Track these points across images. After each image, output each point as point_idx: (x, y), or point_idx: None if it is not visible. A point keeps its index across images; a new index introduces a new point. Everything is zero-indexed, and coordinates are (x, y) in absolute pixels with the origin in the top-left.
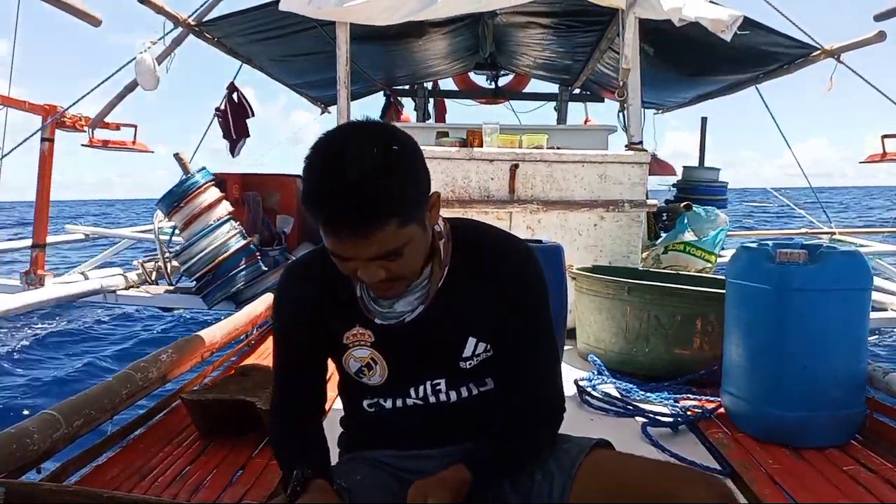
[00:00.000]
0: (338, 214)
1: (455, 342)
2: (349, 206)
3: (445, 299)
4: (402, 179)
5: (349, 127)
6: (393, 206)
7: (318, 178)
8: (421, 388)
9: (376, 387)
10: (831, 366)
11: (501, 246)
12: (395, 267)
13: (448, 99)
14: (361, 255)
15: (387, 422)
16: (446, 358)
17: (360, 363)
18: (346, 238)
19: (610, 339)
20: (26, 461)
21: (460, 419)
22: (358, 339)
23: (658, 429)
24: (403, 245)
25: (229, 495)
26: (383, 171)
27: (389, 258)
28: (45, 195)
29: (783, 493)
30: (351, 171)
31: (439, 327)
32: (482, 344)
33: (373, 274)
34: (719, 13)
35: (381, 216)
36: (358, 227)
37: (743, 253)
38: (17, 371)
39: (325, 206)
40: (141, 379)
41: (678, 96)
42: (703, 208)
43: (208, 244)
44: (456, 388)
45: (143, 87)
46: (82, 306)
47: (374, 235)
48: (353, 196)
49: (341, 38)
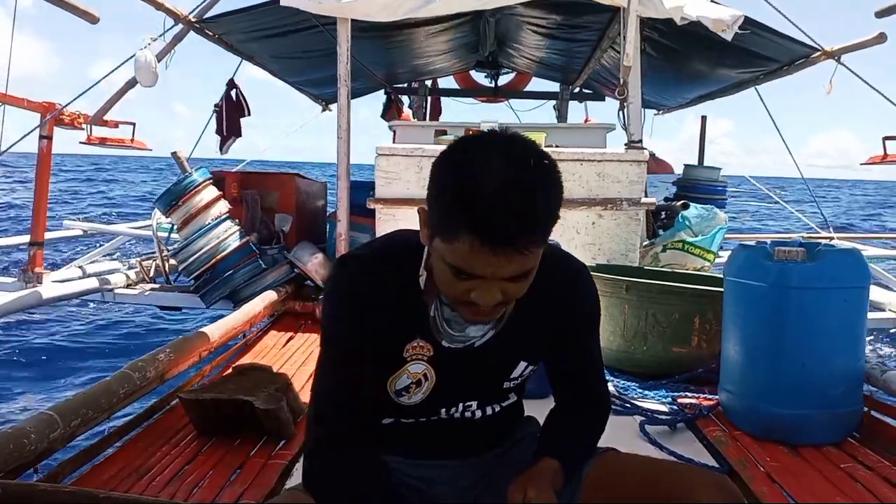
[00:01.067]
0: (509, 228)
1: (508, 365)
2: (527, 220)
3: (515, 325)
4: (559, 196)
5: (497, 137)
6: (550, 225)
7: (486, 187)
8: (453, 409)
9: (408, 407)
10: (829, 363)
11: (571, 273)
12: (514, 289)
13: (449, 97)
14: (500, 273)
15: (401, 435)
16: (493, 379)
17: (411, 380)
18: (503, 254)
19: (608, 337)
20: (23, 461)
21: (476, 433)
22: (418, 352)
23: (656, 427)
24: (535, 266)
25: (227, 495)
26: (551, 184)
27: (516, 280)
28: (44, 192)
29: (781, 491)
30: (526, 183)
31: (498, 352)
32: (531, 367)
33: (492, 296)
34: (720, 12)
35: (546, 232)
36: (523, 242)
37: (741, 251)
38: (13, 370)
39: (496, 218)
40: (138, 378)
41: (678, 97)
42: (702, 207)
43: (206, 243)
44: (483, 408)
45: (141, 84)
46: (80, 304)
47: (530, 253)
48: (533, 208)
49: (342, 34)
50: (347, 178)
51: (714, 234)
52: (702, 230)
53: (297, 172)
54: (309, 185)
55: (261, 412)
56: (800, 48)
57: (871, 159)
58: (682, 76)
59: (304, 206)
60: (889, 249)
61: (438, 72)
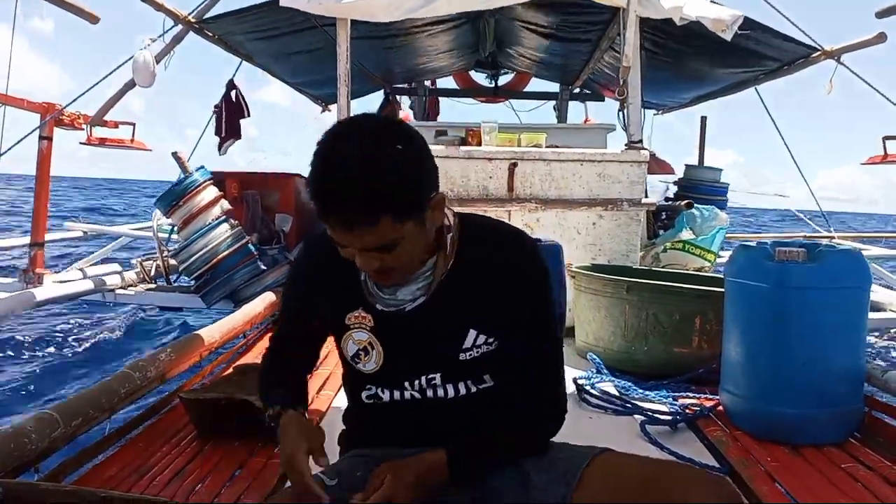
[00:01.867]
0: (332, 209)
1: (455, 334)
2: (341, 202)
3: (449, 291)
4: (398, 177)
5: (353, 122)
6: (386, 204)
7: (317, 172)
8: (416, 382)
9: (372, 375)
10: (830, 364)
11: (509, 240)
12: (388, 259)
13: (448, 97)
14: (355, 244)
15: (386, 416)
16: (445, 349)
17: (358, 346)
18: (338, 228)
19: (609, 337)
20: (24, 461)
21: (461, 417)
22: (359, 321)
23: (657, 427)
24: (397, 240)
25: (227, 495)
26: (378, 167)
27: (382, 251)
28: (44, 193)
29: (781, 491)
30: (346, 166)
31: (440, 319)
32: (483, 336)
33: (368, 263)
34: (720, 12)
35: (372, 213)
36: (350, 222)
37: (742, 251)
38: (14, 370)
39: (321, 199)
40: (139, 378)
41: (678, 97)
42: (703, 207)
43: (207, 243)
44: (453, 383)
45: (139, 85)
46: (80, 305)
47: (366, 230)
48: (346, 192)
49: (341, 35)
50: None
51: (714, 235)
52: (702, 230)
53: (297, 173)
54: None
55: (261, 412)
56: (800, 48)
57: (872, 159)
58: (681, 76)
59: (304, 207)
60: (890, 249)
61: (438, 72)
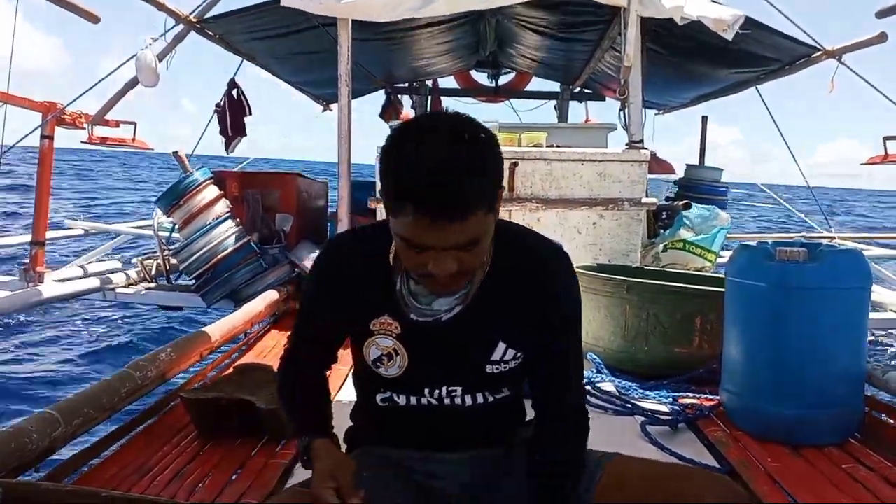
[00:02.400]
0: (437, 197)
1: (484, 346)
2: (450, 188)
3: (483, 300)
4: (493, 167)
5: (433, 116)
6: (486, 194)
7: (413, 161)
8: (437, 391)
9: (391, 380)
10: (830, 364)
11: (543, 251)
12: (468, 259)
13: (449, 97)
14: (445, 242)
15: (398, 419)
16: (472, 361)
17: (381, 352)
18: (439, 223)
19: (609, 337)
20: (25, 460)
21: (475, 425)
22: (385, 327)
23: (657, 427)
24: (483, 235)
25: (228, 494)
26: (478, 154)
27: (468, 248)
28: (45, 192)
29: (782, 492)
30: (448, 152)
31: (472, 329)
32: (511, 350)
33: (447, 265)
34: (721, 12)
35: (478, 201)
36: (455, 212)
37: (742, 251)
38: (15, 369)
39: (424, 188)
40: (140, 378)
41: (679, 96)
42: (704, 207)
43: (207, 242)
44: (472, 394)
45: (142, 84)
46: (81, 303)
47: (468, 222)
48: (456, 177)
49: (342, 34)
50: (348, 177)
51: (715, 234)
52: (703, 230)
53: (298, 172)
54: (310, 184)
55: (262, 412)
56: (801, 47)
57: (872, 159)
58: (682, 76)
59: (305, 206)
60: (891, 249)
61: (439, 72)
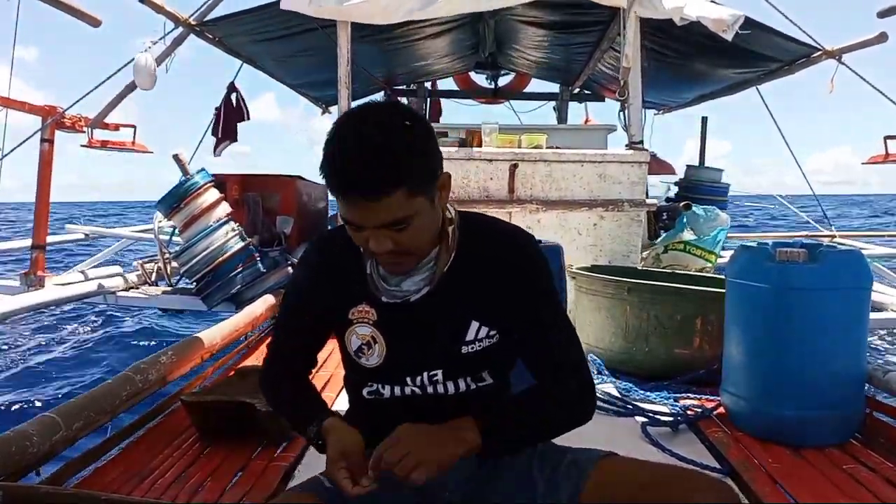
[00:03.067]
0: (350, 178)
1: (458, 326)
2: (361, 170)
3: (451, 283)
4: (412, 150)
5: (366, 104)
6: (402, 174)
7: (335, 147)
8: (418, 378)
9: (374, 370)
10: (831, 365)
11: (507, 235)
12: (403, 238)
13: (448, 98)
14: (371, 221)
15: (386, 412)
16: (447, 342)
17: (361, 341)
18: (356, 202)
19: (609, 338)
20: (25, 464)
21: (459, 415)
22: (362, 315)
23: (658, 428)
24: (411, 216)
25: (229, 497)
26: (394, 140)
27: (397, 228)
28: (45, 196)
29: (783, 493)
30: (365, 139)
31: (443, 310)
32: (485, 328)
33: (382, 243)
34: (721, 12)
35: (390, 181)
36: (368, 191)
37: (743, 252)
38: (16, 373)
39: (340, 171)
40: (140, 381)
41: (679, 96)
42: (704, 208)
43: (208, 245)
44: (454, 380)
45: (140, 87)
46: (82, 307)
47: (383, 200)
48: (366, 160)
49: (342, 37)
50: None
51: (715, 235)
52: (703, 231)
53: (298, 175)
54: (310, 187)
55: (262, 415)
56: (801, 47)
57: (873, 158)
58: (682, 76)
59: (305, 208)
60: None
61: (438, 73)
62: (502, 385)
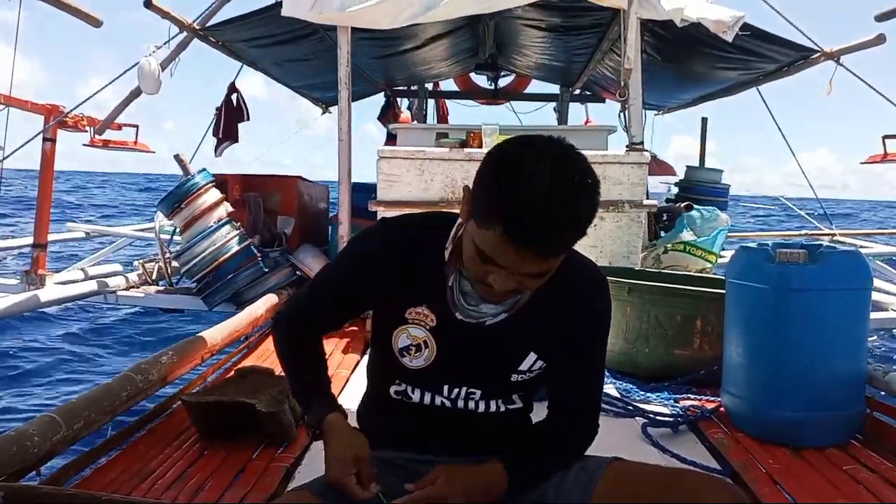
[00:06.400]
0: (535, 234)
1: (516, 354)
2: (552, 234)
3: (524, 312)
4: (592, 216)
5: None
6: (577, 238)
7: (529, 191)
8: (455, 390)
9: (413, 371)
10: (831, 365)
11: (581, 268)
12: (531, 284)
13: (449, 99)
14: (520, 270)
15: (407, 415)
16: (501, 367)
17: (411, 342)
18: (522, 254)
19: (610, 339)
20: (26, 464)
21: (481, 433)
22: (420, 318)
23: (658, 429)
24: (554, 269)
25: (229, 497)
26: (587, 207)
27: (534, 277)
28: (47, 195)
29: (783, 493)
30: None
31: (506, 337)
32: (540, 361)
33: (507, 285)
34: (721, 14)
35: (570, 245)
36: (544, 252)
37: (743, 253)
38: (16, 373)
39: (527, 221)
40: (141, 381)
41: (678, 97)
42: (704, 208)
43: (209, 245)
44: (487, 400)
45: (144, 92)
46: (82, 306)
47: (552, 262)
48: (561, 226)
49: (342, 41)
50: (349, 180)
51: (715, 236)
52: (703, 232)
53: (299, 175)
54: (311, 187)
55: (263, 415)
56: (800, 49)
57: (872, 158)
58: (682, 77)
59: (306, 209)
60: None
61: (439, 75)
62: (528, 407)
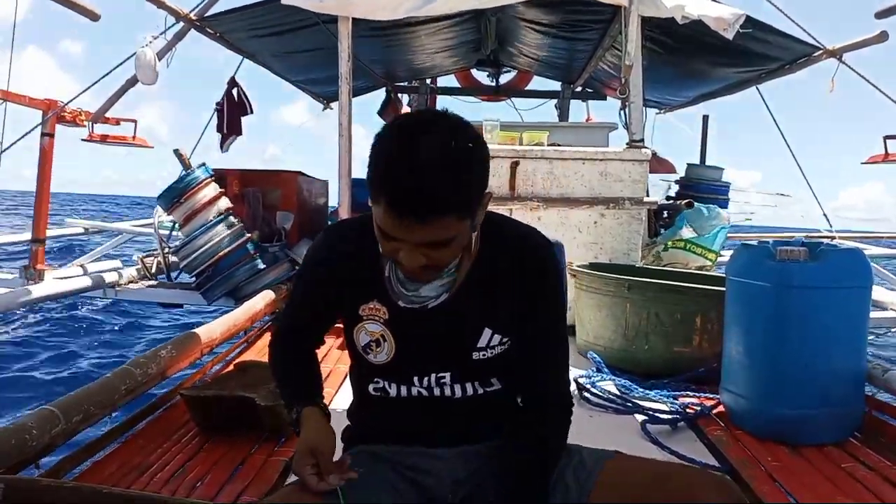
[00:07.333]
0: (406, 196)
1: (471, 332)
2: (421, 191)
3: (468, 289)
4: (472, 175)
5: (429, 113)
6: (460, 200)
7: (393, 157)
8: (425, 378)
9: (382, 367)
10: (831, 363)
11: (526, 240)
12: (436, 256)
13: (449, 95)
14: (412, 239)
15: (391, 411)
16: (459, 347)
17: (370, 338)
18: (406, 221)
19: (609, 336)
20: (25, 457)
21: (466, 418)
22: (373, 313)
23: (657, 426)
24: (453, 237)
25: (228, 491)
26: (458, 163)
27: (435, 247)
28: (45, 189)
29: (782, 491)
30: (428, 156)
31: (457, 316)
32: (497, 336)
33: (414, 259)
34: (722, 11)
35: (447, 207)
36: (423, 213)
37: (743, 250)
38: (15, 366)
39: (396, 185)
40: (140, 375)
41: (680, 95)
42: (704, 206)
43: (208, 240)
44: (461, 383)
45: (141, 82)
46: (81, 301)
47: (434, 224)
48: (428, 182)
49: (343, 33)
50: (349, 175)
51: (716, 234)
52: (704, 229)
53: (298, 171)
54: (310, 182)
55: (262, 409)
56: (802, 46)
57: (872, 158)
58: (683, 75)
59: (305, 204)
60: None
61: (440, 70)
62: (510, 390)
